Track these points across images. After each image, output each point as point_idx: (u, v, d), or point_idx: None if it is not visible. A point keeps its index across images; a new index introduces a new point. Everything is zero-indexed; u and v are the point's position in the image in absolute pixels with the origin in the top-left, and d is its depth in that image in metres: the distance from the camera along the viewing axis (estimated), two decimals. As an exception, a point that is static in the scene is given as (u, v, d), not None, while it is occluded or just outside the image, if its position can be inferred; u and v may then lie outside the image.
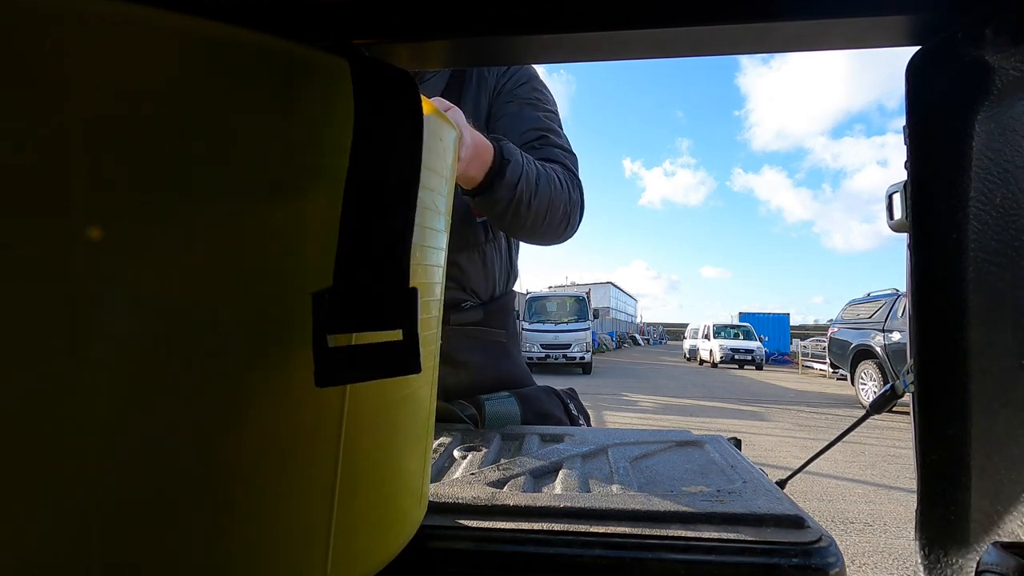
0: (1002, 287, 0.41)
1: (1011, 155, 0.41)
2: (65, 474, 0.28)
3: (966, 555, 0.44)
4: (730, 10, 0.43)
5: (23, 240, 0.26)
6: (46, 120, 0.26)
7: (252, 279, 0.32)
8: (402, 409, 0.44)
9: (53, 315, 0.26)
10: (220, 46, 0.30)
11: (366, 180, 0.32)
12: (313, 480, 0.35)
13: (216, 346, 0.31)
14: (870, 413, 0.85)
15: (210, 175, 0.30)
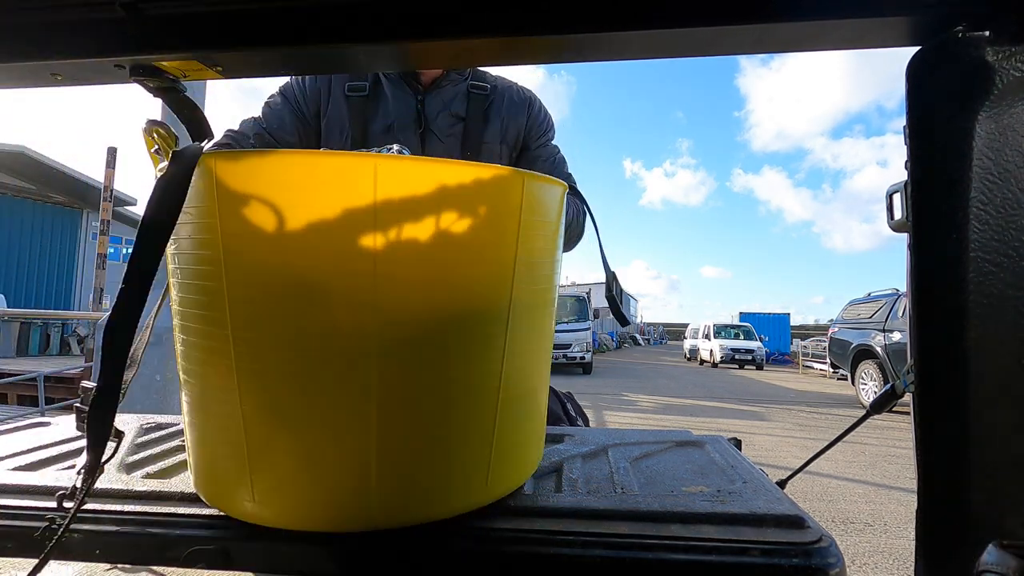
0: (1002, 287, 0.41)
1: (1011, 155, 0.41)
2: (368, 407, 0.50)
3: (966, 555, 0.44)
4: (730, 10, 0.43)
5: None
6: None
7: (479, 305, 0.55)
8: (532, 387, 0.64)
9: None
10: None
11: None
12: (484, 418, 0.56)
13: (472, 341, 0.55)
14: (870, 413, 0.85)
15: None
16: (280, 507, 0.52)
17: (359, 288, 0.48)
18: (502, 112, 1.14)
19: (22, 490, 0.62)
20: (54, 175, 14.24)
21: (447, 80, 1.09)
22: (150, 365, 3.30)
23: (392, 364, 0.50)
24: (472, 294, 0.53)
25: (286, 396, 0.50)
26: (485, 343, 0.55)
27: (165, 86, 0.55)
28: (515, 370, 0.58)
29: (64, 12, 0.50)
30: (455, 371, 0.53)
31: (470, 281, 0.53)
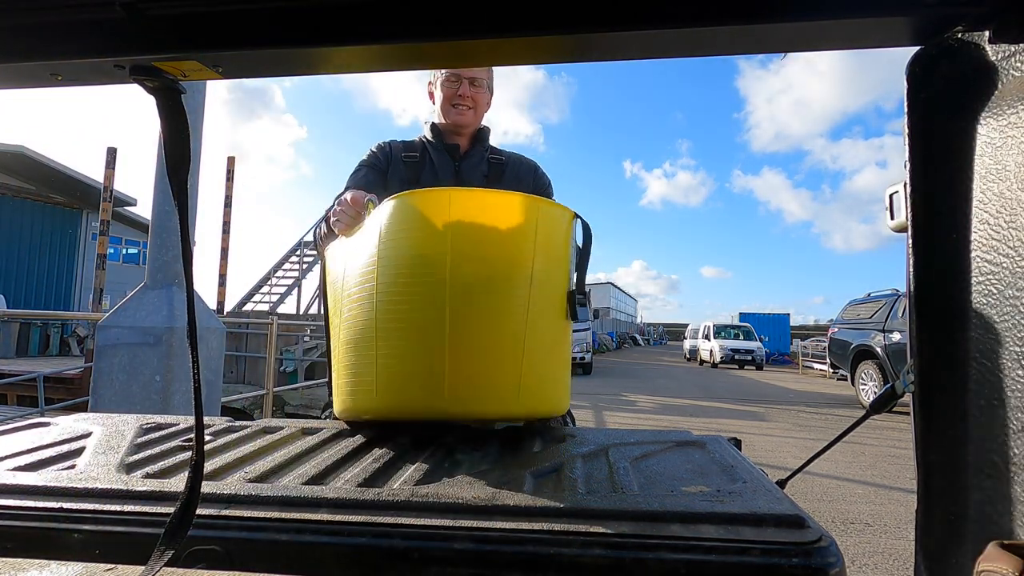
0: (1002, 287, 0.41)
1: (1011, 154, 0.41)
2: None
3: (966, 555, 0.44)
4: (730, 10, 0.43)
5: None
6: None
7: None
8: (550, 340, 0.92)
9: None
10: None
11: None
12: (515, 352, 0.85)
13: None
14: (870, 413, 0.85)
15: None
16: (393, 404, 0.87)
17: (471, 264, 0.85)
18: (515, 174, 1.56)
19: (22, 490, 0.62)
20: (54, 175, 14.24)
21: (474, 151, 1.56)
22: (150, 366, 3.30)
23: (458, 310, 0.83)
24: (503, 269, 0.86)
25: (413, 333, 0.85)
26: (512, 301, 0.86)
27: (165, 86, 0.55)
28: (535, 325, 0.88)
29: (64, 12, 0.50)
30: (494, 319, 0.85)
31: (506, 260, 0.87)
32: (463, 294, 0.82)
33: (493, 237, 0.86)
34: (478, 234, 0.85)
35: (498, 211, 0.86)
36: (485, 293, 0.84)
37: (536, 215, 0.88)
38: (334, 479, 0.68)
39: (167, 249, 3.50)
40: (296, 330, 11.09)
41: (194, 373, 0.53)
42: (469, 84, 1.49)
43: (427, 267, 0.83)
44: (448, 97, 1.49)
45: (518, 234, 0.86)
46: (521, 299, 0.86)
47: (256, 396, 7.10)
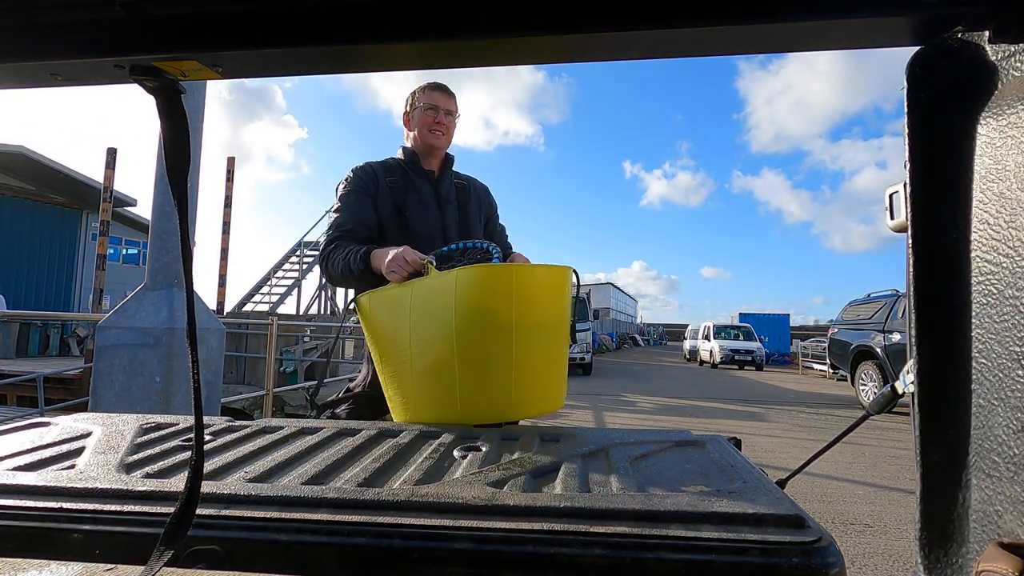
0: (1002, 287, 0.41)
1: (1011, 154, 0.41)
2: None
3: (966, 555, 0.44)
4: (730, 10, 0.43)
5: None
6: None
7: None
8: (551, 349, 1.25)
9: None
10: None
11: None
12: (505, 373, 1.16)
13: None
14: (870, 413, 0.85)
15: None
16: (474, 412, 1.16)
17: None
18: (477, 197, 1.87)
19: (22, 490, 0.62)
20: (54, 175, 14.24)
21: (444, 176, 1.81)
22: (150, 367, 3.30)
23: (520, 345, 1.16)
24: (547, 316, 1.23)
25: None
26: (554, 336, 1.25)
27: (165, 86, 0.55)
28: (563, 350, 1.29)
29: (64, 12, 0.50)
30: (543, 351, 1.20)
31: (548, 309, 1.24)
32: (523, 335, 1.16)
33: (541, 294, 1.21)
34: (531, 293, 1.19)
35: (544, 279, 1.23)
36: (537, 333, 1.19)
37: (565, 278, 1.29)
38: (334, 479, 0.68)
39: (167, 250, 3.50)
40: (296, 330, 11.08)
41: (194, 373, 0.53)
42: (444, 114, 1.75)
43: (497, 317, 1.16)
44: (426, 124, 1.74)
45: (555, 291, 1.25)
46: (558, 335, 1.27)
47: (256, 396, 7.10)
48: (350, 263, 1.49)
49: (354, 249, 1.52)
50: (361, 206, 1.65)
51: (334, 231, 1.62)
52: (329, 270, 1.58)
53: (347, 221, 1.63)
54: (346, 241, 1.59)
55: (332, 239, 1.60)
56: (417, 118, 1.75)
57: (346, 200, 1.66)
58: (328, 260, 1.57)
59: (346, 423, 1.01)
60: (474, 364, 1.15)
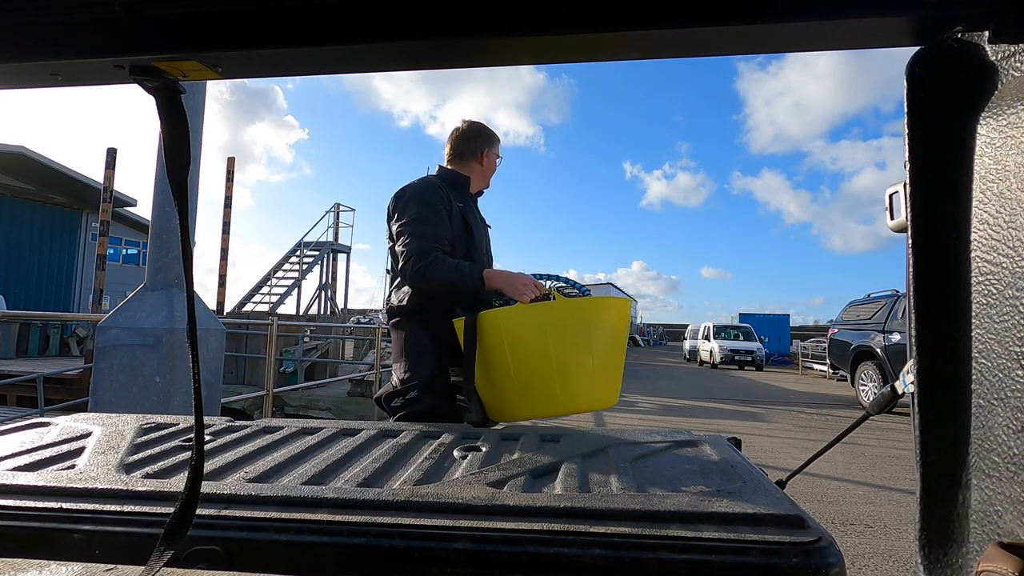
0: (1002, 287, 0.41)
1: (1011, 154, 0.41)
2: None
3: (966, 555, 0.44)
4: (730, 10, 0.43)
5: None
6: None
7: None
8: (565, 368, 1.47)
9: None
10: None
11: None
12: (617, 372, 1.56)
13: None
14: (870, 413, 0.85)
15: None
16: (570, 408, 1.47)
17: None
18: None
19: (22, 490, 0.62)
20: (54, 176, 14.24)
21: (477, 202, 2.02)
22: (150, 367, 3.30)
23: (601, 355, 1.50)
24: (619, 331, 1.57)
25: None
26: (620, 347, 1.56)
27: (165, 86, 0.55)
28: (561, 367, 1.47)
29: (64, 12, 0.50)
30: (615, 357, 1.54)
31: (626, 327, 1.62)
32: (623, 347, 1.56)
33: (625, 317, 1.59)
34: (627, 314, 1.60)
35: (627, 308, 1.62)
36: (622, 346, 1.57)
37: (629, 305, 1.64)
38: (334, 479, 0.68)
39: (167, 250, 3.50)
40: (296, 330, 11.08)
41: (194, 373, 0.53)
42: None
43: (622, 335, 1.55)
44: (493, 171, 2.01)
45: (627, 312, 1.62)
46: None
47: (256, 397, 7.09)
48: (464, 278, 1.64)
49: (463, 264, 1.66)
50: (444, 221, 1.77)
51: (428, 242, 1.70)
52: (428, 279, 1.65)
53: (439, 234, 1.73)
54: (440, 254, 1.69)
55: (428, 249, 1.68)
56: (492, 163, 2.00)
57: (431, 213, 1.76)
58: (430, 269, 1.65)
59: (346, 423, 1.01)
60: (605, 369, 1.50)
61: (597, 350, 1.50)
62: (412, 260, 1.68)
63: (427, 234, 1.70)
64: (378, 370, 8.57)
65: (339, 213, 16.86)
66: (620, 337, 1.57)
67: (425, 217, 1.74)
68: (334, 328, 13.12)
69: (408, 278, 1.70)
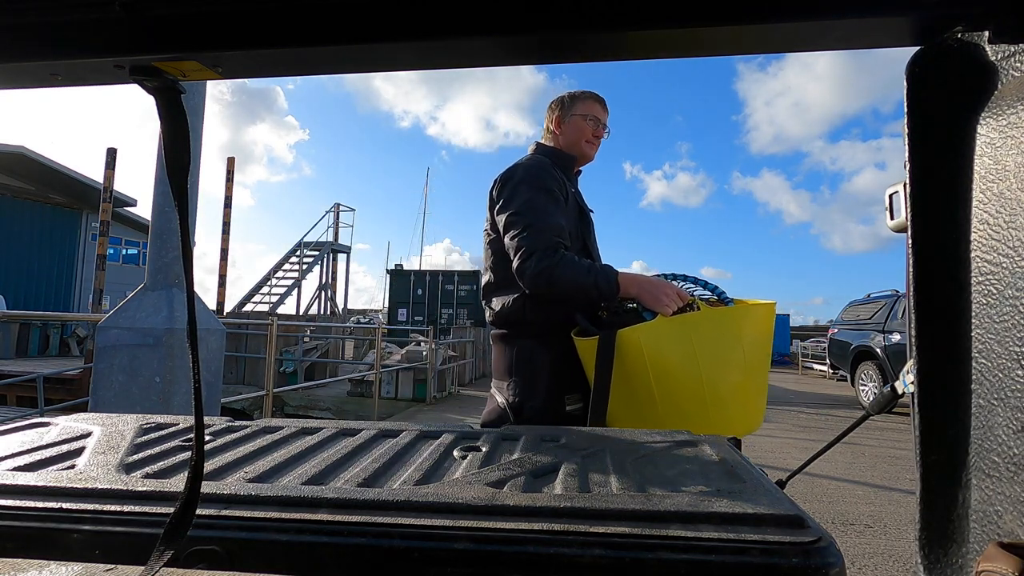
0: (1002, 287, 0.41)
1: (1011, 154, 0.41)
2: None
3: (966, 555, 0.44)
4: (730, 10, 0.43)
5: None
6: None
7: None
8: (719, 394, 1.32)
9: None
10: None
11: None
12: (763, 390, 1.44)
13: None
14: (870, 413, 0.85)
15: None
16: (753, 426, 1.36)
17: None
18: None
19: (22, 490, 0.62)
20: (54, 176, 14.24)
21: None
22: (150, 367, 3.30)
23: (751, 371, 1.33)
24: (766, 343, 1.40)
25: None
26: (766, 361, 1.40)
27: (165, 86, 0.55)
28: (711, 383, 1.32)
29: (64, 12, 0.50)
30: (763, 372, 1.37)
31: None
32: (768, 359, 1.42)
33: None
34: (772, 320, 1.41)
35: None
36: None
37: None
38: (334, 479, 0.68)
39: (167, 250, 3.49)
40: (296, 330, 11.08)
41: (194, 373, 0.53)
42: (602, 127, 1.69)
43: (766, 347, 1.36)
44: (586, 134, 1.65)
45: (773, 319, 1.44)
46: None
47: (256, 397, 7.09)
48: (598, 282, 1.35)
49: (595, 266, 1.39)
50: (562, 209, 1.50)
51: (551, 236, 1.41)
52: (554, 282, 1.37)
53: (562, 226, 1.45)
54: (565, 251, 1.42)
55: (553, 245, 1.40)
56: (575, 125, 1.63)
57: (549, 199, 1.47)
58: (557, 269, 1.36)
59: (346, 423, 1.01)
60: (755, 389, 1.32)
61: (748, 367, 1.28)
62: (534, 258, 1.38)
63: (549, 226, 1.41)
64: (378, 370, 8.57)
65: (339, 213, 16.86)
66: (767, 349, 1.36)
67: (543, 205, 1.44)
68: (334, 328, 13.12)
69: (527, 279, 1.39)
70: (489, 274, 1.59)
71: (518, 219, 1.43)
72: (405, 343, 12.37)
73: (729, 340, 1.29)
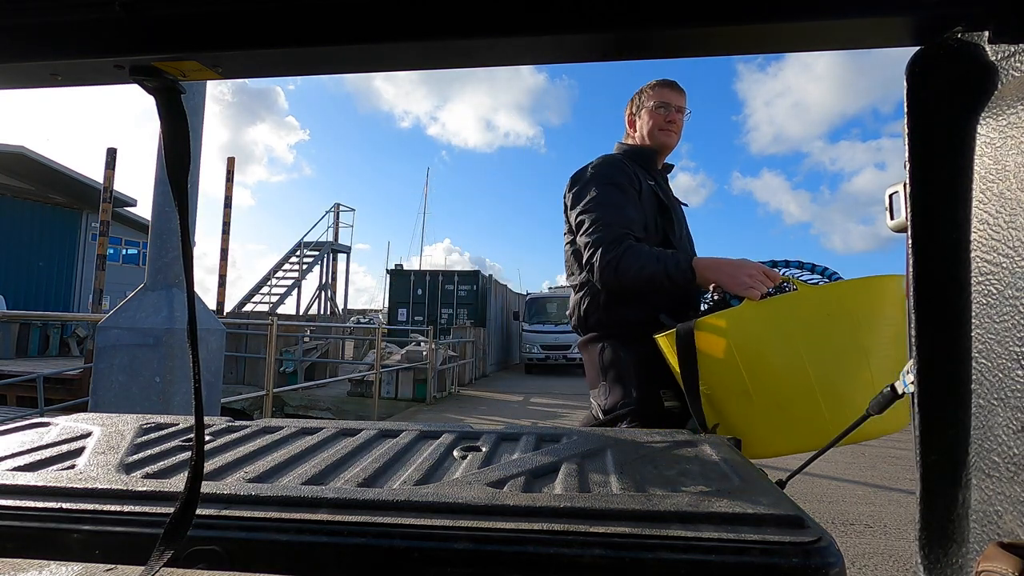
0: (1002, 287, 0.41)
1: (1011, 154, 0.41)
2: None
3: (966, 555, 0.44)
4: (730, 10, 0.43)
5: None
6: None
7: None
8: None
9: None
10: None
11: None
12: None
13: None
14: (870, 413, 0.85)
15: None
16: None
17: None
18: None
19: (22, 490, 0.62)
20: (54, 176, 14.24)
21: (666, 177, 1.68)
22: (150, 367, 3.30)
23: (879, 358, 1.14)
24: (898, 323, 1.18)
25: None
26: (901, 345, 1.18)
27: (165, 86, 0.55)
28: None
29: (64, 12, 0.50)
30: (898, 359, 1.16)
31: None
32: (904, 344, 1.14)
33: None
34: (902, 295, 1.15)
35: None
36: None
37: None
38: (334, 479, 0.68)
39: (167, 250, 3.49)
40: (296, 330, 11.08)
41: (194, 374, 0.53)
42: (676, 111, 1.59)
43: (900, 328, 1.13)
44: (658, 122, 1.58)
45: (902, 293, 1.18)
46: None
47: (256, 397, 7.09)
48: (668, 269, 1.27)
49: (664, 252, 1.32)
50: (633, 202, 1.45)
51: (617, 228, 1.37)
52: (621, 273, 1.32)
53: (630, 217, 1.40)
54: (633, 242, 1.36)
55: (619, 237, 1.35)
56: (646, 117, 1.60)
57: (617, 193, 1.44)
58: (624, 260, 1.31)
59: (346, 423, 1.01)
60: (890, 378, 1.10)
61: (874, 354, 1.09)
62: (601, 251, 1.35)
63: (616, 219, 1.37)
64: (378, 370, 8.57)
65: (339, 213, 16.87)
66: (901, 331, 1.12)
67: (611, 199, 1.41)
68: (334, 328, 13.12)
69: (597, 274, 1.36)
70: (572, 279, 1.57)
71: (586, 216, 1.42)
72: (405, 343, 12.38)
73: (841, 323, 1.10)
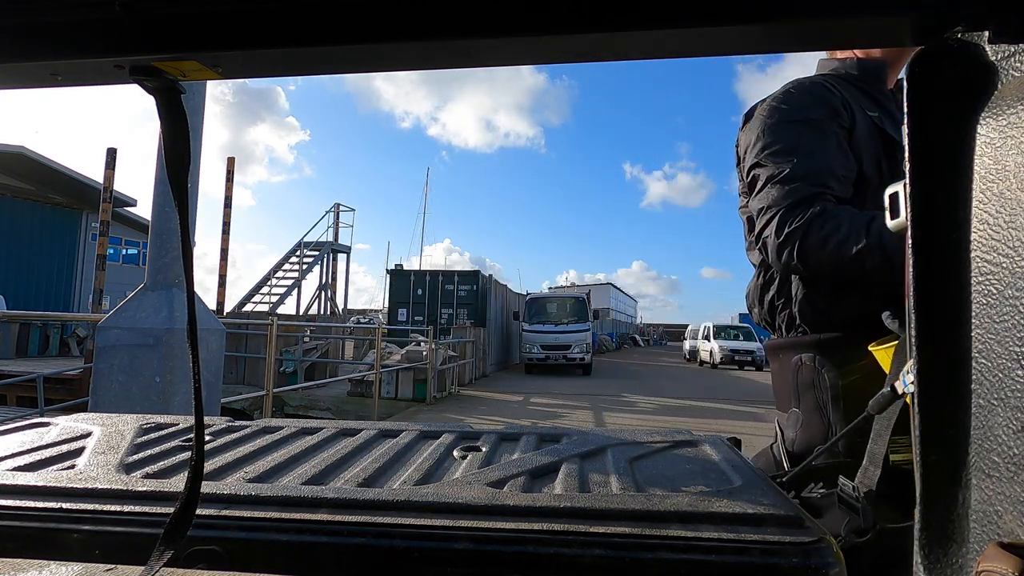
0: (1002, 287, 0.41)
1: (1011, 154, 0.41)
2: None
3: (966, 555, 0.44)
4: (730, 10, 0.43)
5: None
6: None
7: None
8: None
9: None
10: None
11: None
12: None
13: None
14: (870, 413, 0.84)
15: None
16: None
17: None
18: None
19: (22, 490, 0.62)
20: (54, 176, 14.24)
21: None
22: (150, 367, 3.30)
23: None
24: None
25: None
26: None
27: (165, 86, 0.55)
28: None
29: (64, 12, 0.50)
30: None
31: None
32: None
33: None
34: None
35: None
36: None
37: None
38: (334, 479, 0.68)
39: (167, 250, 3.49)
40: (296, 330, 11.08)
41: (194, 374, 0.53)
42: None
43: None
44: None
45: None
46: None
47: (256, 397, 7.09)
48: (883, 241, 0.84)
49: (878, 218, 0.86)
50: (839, 148, 0.99)
51: (806, 185, 0.95)
52: (804, 251, 0.92)
53: (827, 168, 0.97)
54: (829, 203, 0.94)
55: (805, 198, 0.94)
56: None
57: (812, 134, 0.99)
58: (810, 232, 0.91)
59: (346, 423, 1.01)
60: None
61: None
62: (777, 220, 0.95)
63: (804, 171, 0.95)
64: (378, 370, 8.57)
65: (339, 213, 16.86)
66: None
67: (800, 143, 0.98)
68: (334, 328, 13.12)
69: (771, 253, 0.97)
70: (752, 255, 1.13)
71: (761, 169, 1.01)
72: (405, 343, 12.38)
73: None
